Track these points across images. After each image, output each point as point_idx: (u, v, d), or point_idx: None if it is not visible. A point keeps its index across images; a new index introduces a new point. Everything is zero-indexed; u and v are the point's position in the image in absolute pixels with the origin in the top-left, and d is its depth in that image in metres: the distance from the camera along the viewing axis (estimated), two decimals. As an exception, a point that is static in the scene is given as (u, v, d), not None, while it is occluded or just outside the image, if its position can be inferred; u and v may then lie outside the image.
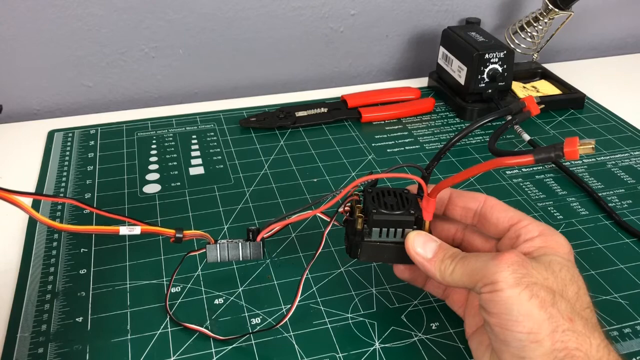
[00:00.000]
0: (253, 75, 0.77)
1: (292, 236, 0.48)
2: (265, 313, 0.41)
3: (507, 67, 0.65)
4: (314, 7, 0.74)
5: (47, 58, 0.68)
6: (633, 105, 0.71)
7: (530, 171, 0.57)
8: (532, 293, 0.29)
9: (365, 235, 0.36)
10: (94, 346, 0.39)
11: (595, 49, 0.89)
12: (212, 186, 0.55)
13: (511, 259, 0.30)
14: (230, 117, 0.67)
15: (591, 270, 0.45)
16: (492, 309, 0.30)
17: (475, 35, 0.67)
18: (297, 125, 0.65)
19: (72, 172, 0.57)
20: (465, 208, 0.37)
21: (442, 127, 0.66)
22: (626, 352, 0.39)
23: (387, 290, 0.43)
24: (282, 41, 0.75)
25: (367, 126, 0.66)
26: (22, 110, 0.70)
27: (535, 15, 0.72)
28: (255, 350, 0.38)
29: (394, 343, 0.39)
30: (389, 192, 0.37)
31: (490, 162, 0.31)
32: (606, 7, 0.86)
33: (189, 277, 0.44)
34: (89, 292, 0.43)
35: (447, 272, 0.33)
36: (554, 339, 0.28)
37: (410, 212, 0.36)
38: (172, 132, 0.64)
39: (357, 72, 0.81)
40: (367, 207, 0.36)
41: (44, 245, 0.47)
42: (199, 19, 0.70)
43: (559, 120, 0.67)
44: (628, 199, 0.54)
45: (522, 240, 0.34)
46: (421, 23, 0.79)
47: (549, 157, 0.29)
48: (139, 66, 0.72)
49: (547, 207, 0.52)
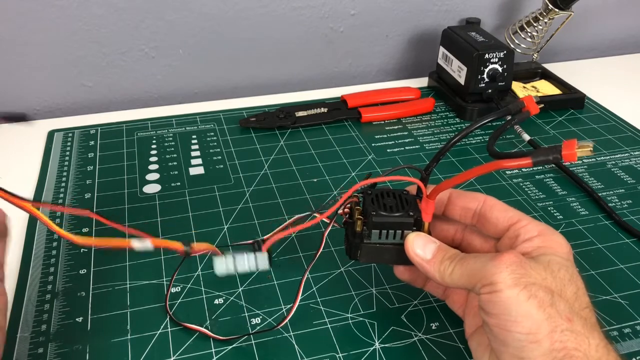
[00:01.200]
0: (253, 75, 0.77)
1: (292, 236, 0.48)
2: (265, 313, 0.41)
3: (507, 67, 0.65)
4: (314, 7, 0.74)
5: (47, 58, 0.68)
6: (633, 105, 0.71)
7: (530, 171, 0.57)
8: (531, 293, 0.29)
9: (364, 237, 0.36)
10: (94, 346, 0.39)
11: (595, 49, 0.89)
12: (212, 186, 0.55)
13: (510, 259, 0.30)
14: (230, 117, 0.67)
15: (591, 270, 0.45)
16: (491, 309, 0.30)
17: (475, 35, 0.67)
18: (297, 125, 0.65)
19: (72, 172, 0.57)
20: (465, 208, 0.37)
21: (442, 127, 0.66)
22: (626, 352, 0.39)
23: (387, 290, 0.43)
24: (282, 41, 0.75)
25: (367, 126, 0.66)
26: (22, 110, 0.70)
27: (535, 15, 0.72)
28: (255, 350, 0.38)
29: (394, 343, 0.39)
30: (388, 194, 0.37)
31: (488, 165, 0.31)
32: (606, 7, 0.86)
33: (189, 277, 0.44)
34: (89, 292, 0.43)
35: (446, 273, 0.33)
36: (552, 339, 0.28)
37: (410, 213, 0.36)
38: (172, 132, 0.64)
39: (357, 72, 0.81)
40: (366, 209, 0.36)
41: (44, 245, 0.47)
42: (199, 19, 0.70)
43: (559, 120, 0.67)
44: (628, 199, 0.54)
45: (521, 240, 0.34)
46: (421, 23, 0.79)
47: (547, 159, 0.29)
48: (139, 66, 0.72)
49: (547, 207, 0.52)
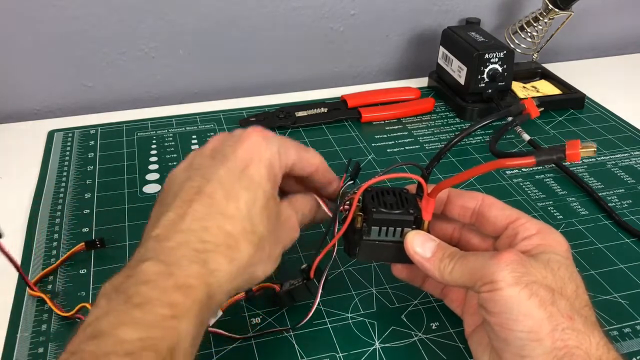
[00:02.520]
0: (253, 75, 0.77)
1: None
2: (265, 313, 0.41)
3: (507, 67, 0.65)
4: (314, 7, 0.74)
5: (47, 58, 0.68)
6: (633, 105, 0.71)
7: (530, 171, 0.57)
8: (532, 292, 0.29)
9: (364, 234, 0.36)
10: (93, 346, 0.39)
11: (595, 49, 0.89)
12: (212, 186, 0.54)
13: (510, 257, 0.30)
14: (230, 117, 0.67)
15: (591, 270, 0.45)
16: (492, 308, 0.30)
17: (475, 35, 0.67)
18: (297, 125, 0.65)
19: (72, 172, 0.57)
20: (464, 207, 0.37)
21: (442, 127, 0.66)
22: (626, 352, 0.39)
23: (387, 290, 0.43)
24: (282, 41, 0.75)
25: (367, 126, 0.66)
26: (22, 110, 0.70)
27: (535, 15, 0.72)
28: (255, 350, 0.38)
29: (394, 343, 0.39)
30: (388, 192, 0.37)
31: (491, 163, 0.31)
32: (606, 7, 0.86)
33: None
34: (89, 292, 0.43)
35: (446, 271, 0.33)
36: (554, 337, 0.28)
37: (410, 211, 0.36)
38: (172, 132, 0.64)
39: (357, 72, 0.81)
40: (366, 205, 0.36)
41: (44, 245, 0.47)
42: (199, 18, 0.70)
43: (559, 120, 0.67)
44: (628, 199, 0.54)
45: (520, 238, 0.34)
46: (421, 23, 0.79)
47: (551, 159, 0.30)
48: (139, 66, 0.72)
49: (547, 207, 0.52)
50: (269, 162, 0.34)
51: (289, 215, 0.36)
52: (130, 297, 0.27)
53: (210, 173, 0.32)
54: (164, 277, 0.28)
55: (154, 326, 0.26)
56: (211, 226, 0.30)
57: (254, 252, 0.32)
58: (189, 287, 0.28)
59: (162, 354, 0.25)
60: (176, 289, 0.28)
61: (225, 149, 0.34)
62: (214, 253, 0.30)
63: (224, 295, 0.31)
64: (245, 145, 0.34)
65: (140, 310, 0.26)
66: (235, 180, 0.32)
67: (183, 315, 0.27)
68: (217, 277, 0.30)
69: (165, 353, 0.26)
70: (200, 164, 0.34)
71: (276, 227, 0.34)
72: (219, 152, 0.34)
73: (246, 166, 0.33)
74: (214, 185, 0.32)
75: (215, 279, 0.30)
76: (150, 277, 0.28)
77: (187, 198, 0.31)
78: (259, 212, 0.32)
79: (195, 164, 0.34)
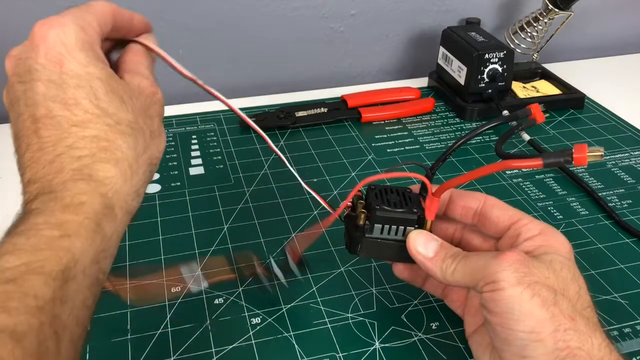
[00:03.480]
0: (253, 75, 0.77)
1: (292, 236, 0.48)
2: (266, 313, 0.41)
3: (507, 67, 0.65)
4: (314, 7, 0.74)
5: (46, 58, 0.68)
6: (633, 105, 0.71)
7: (530, 171, 0.57)
8: (534, 292, 0.29)
9: (366, 232, 0.36)
10: (93, 346, 0.38)
11: (595, 49, 0.89)
12: (212, 186, 0.55)
13: (512, 257, 0.30)
14: (230, 117, 0.67)
15: (591, 270, 0.45)
16: (494, 308, 0.30)
17: (475, 35, 0.67)
18: (297, 125, 0.65)
19: (72, 172, 0.57)
20: (466, 207, 0.37)
21: (442, 127, 0.66)
22: (626, 352, 0.39)
23: (387, 290, 0.43)
24: (282, 41, 0.75)
25: (367, 126, 0.66)
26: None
27: (535, 15, 0.72)
28: (255, 350, 0.38)
29: (394, 343, 0.39)
30: (392, 190, 0.37)
31: (498, 164, 0.31)
32: (606, 7, 0.86)
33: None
34: (89, 291, 0.43)
35: (448, 271, 0.33)
36: (555, 338, 0.28)
37: (413, 210, 0.36)
38: (172, 132, 0.64)
39: (357, 72, 0.81)
40: (370, 203, 0.36)
41: (44, 245, 0.47)
42: (199, 19, 0.70)
43: (558, 120, 0.67)
44: (628, 199, 0.54)
45: (523, 238, 0.34)
46: (421, 23, 0.79)
47: (558, 162, 0.30)
48: (139, 66, 0.71)
49: (547, 207, 0.52)
50: (80, 45, 0.30)
51: (137, 82, 0.33)
52: (14, 228, 0.26)
53: (30, 97, 0.29)
54: (50, 203, 0.27)
55: (39, 249, 0.25)
56: (73, 142, 0.29)
57: (134, 139, 0.30)
58: (79, 204, 0.27)
59: (52, 275, 0.24)
60: (63, 209, 0.27)
61: (27, 65, 0.30)
62: (95, 163, 0.28)
63: (130, 196, 0.29)
64: (42, 47, 0.30)
65: (23, 237, 0.25)
66: (61, 86, 0.29)
67: (75, 233, 0.26)
68: (109, 183, 0.28)
69: (57, 274, 0.25)
70: (15, 96, 0.30)
71: (134, 100, 0.32)
72: (23, 73, 0.30)
73: (60, 66, 0.29)
74: (43, 104, 0.29)
75: (109, 186, 0.28)
76: (36, 207, 0.27)
77: (29, 132, 0.29)
78: (108, 99, 0.30)
79: (11, 99, 0.31)
